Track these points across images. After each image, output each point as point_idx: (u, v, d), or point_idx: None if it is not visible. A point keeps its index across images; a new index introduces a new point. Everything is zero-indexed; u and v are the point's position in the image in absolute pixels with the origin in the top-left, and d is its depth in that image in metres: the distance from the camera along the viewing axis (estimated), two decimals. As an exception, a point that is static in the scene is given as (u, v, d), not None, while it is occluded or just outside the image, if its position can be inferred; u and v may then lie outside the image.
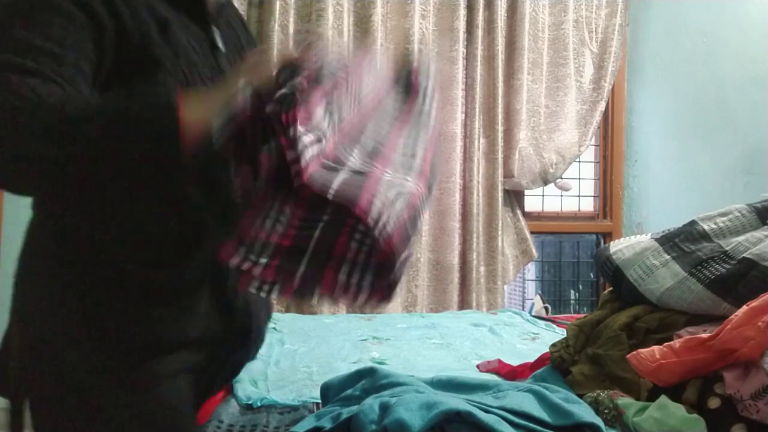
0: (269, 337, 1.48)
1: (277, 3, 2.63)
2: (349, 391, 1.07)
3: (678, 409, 0.94)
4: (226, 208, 0.90)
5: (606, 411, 1.02)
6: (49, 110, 0.72)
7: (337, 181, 0.61)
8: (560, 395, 1.04)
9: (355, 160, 0.66)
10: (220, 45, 0.97)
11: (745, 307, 0.98)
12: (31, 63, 0.74)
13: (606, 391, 1.05)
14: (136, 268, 0.87)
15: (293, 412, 1.10)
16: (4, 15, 0.78)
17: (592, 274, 3.46)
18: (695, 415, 0.93)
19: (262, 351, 1.41)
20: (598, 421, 0.95)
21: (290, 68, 0.64)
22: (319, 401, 1.12)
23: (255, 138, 0.65)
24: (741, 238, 1.17)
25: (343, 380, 1.10)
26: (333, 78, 0.69)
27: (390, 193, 0.63)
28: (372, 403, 0.95)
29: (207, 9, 0.95)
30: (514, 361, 1.40)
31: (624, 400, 1.01)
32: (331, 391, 1.09)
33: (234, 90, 0.71)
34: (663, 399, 0.97)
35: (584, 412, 0.95)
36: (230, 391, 1.19)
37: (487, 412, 0.94)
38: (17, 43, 0.75)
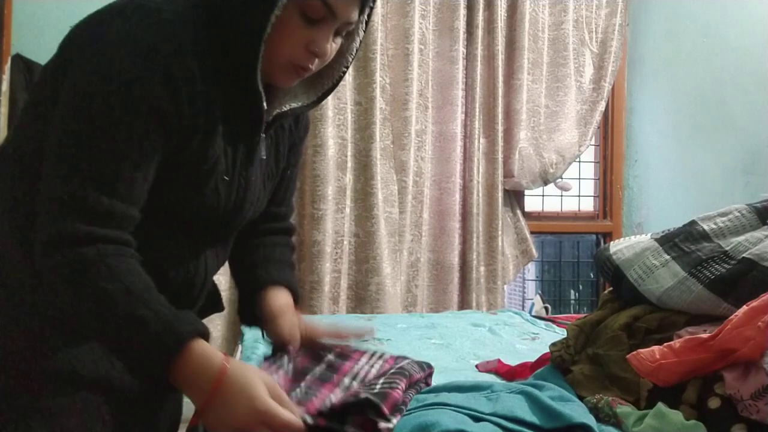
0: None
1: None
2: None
3: (676, 416, 0.94)
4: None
5: (606, 419, 1.02)
6: (109, 285, 0.80)
7: None
8: (553, 393, 1.04)
9: None
10: (263, 154, 0.99)
11: (745, 307, 0.98)
12: (107, 198, 0.82)
13: (605, 398, 1.05)
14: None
15: (293, 412, 1.09)
16: (90, 129, 0.82)
17: (592, 274, 3.46)
18: (693, 421, 0.93)
19: (262, 351, 1.41)
20: (591, 420, 0.94)
21: None
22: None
23: None
24: (741, 238, 1.16)
25: None
26: None
27: None
28: None
29: (262, 123, 0.95)
30: (514, 361, 1.39)
31: (623, 409, 1.01)
32: None
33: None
34: (660, 407, 0.96)
35: (576, 413, 0.95)
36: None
37: (479, 420, 0.94)
38: (98, 169, 0.82)
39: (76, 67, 0.83)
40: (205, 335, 0.83)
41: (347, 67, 1.00)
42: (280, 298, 1.08)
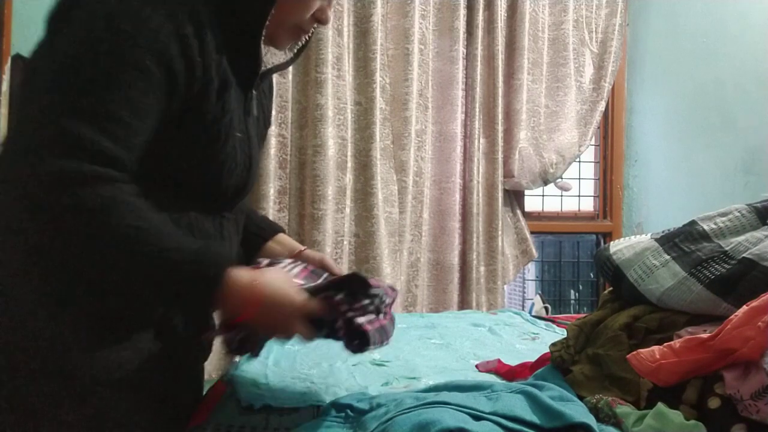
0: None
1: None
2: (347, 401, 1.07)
3: (676, 416, 0.93)
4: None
5: (606, 419, 1.01)
6: (122, 232, 0.78)
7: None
8: (553, 393, 1.03)
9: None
10: (255, 110, 1.02)
11: (745, 307, 0.97)
12: (105, 140, 0.77)
13: (605, 398, 1.05)
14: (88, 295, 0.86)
15: (293, 413, 1.09)
16: (92, 65, 0.78)
17: (592, 274, 3.46)
18: (693, 421, 0.93)
19: (262, 351, 1.41)
20: (591, 420, 0.94)
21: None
22: (319, 404, 1.12)
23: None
24: (741, 238, 1.16)
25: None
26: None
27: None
28: (370, 425, 0.95)
29: (258, 79, 0.97)
30: (514, 361, 1.39)
31: (623, 409, 1.01)
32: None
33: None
34: (660, 407, 0.96)
35: (576, 412, 0.95)
36: (228, 392, 1.19)
37: (480, 419, 0.94)
38: (95, 108, 0.78)
39: (78, 16, 0.81)
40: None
41: (315, 28, 1.06)
42: (291, 241, 1.22)
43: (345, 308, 0.97)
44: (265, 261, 1.06)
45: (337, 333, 0.97)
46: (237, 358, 1.38)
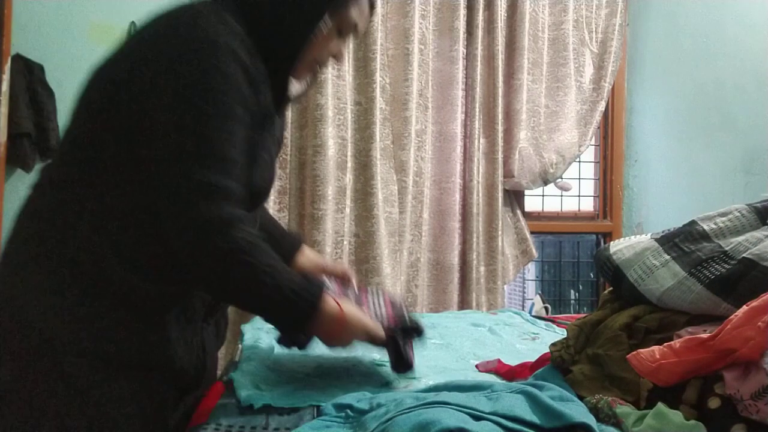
0: (269, 338, 1.49)
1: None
2: (348, 401, 1.07)
3: (676, 416, 0.93)
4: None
5: (606, 419, 1.01)
6: (253, 263, 0.96)
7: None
8: (553, 393, 1.03)
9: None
10: (276, 133, 1.16)
11: (745, 307, 0.97)
12: (231, 183, 0.94)
13: (605, 398, 1.05)
14: (130, 279, 0.97)
15: (293, 413, 1.09)
16: (203, 120, 0.92)
17: (592, 274, 3.46)
18: (693, 421, 0.93)
19: (262, 351, 1.41)
20: (591, 420, 0.94)
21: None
22: (319, 404, 1.12)
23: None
24: (741, 238, 1.16)
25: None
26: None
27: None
28: (370, 425, 0.95)
29: (285, 106, 1.15)
30: (514, 361, 1.39)
31: (623, 409, 1.01)
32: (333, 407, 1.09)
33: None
34: (660, 407, 0.96)
35: (576, 412, 0.95)
36: (228, 392, 1.19)
37: (480, 419, 0.94)
38: (220, 157, 0.93)
39: (170, 71, 0.93)
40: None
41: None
42: (314, 254, 1.42)
43: (401, 343, 1.20)
44: None
45: (388, 356, 1.20)
46: (238, 357, 1.39)
